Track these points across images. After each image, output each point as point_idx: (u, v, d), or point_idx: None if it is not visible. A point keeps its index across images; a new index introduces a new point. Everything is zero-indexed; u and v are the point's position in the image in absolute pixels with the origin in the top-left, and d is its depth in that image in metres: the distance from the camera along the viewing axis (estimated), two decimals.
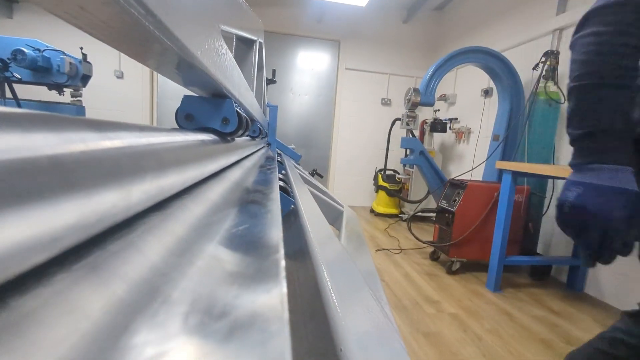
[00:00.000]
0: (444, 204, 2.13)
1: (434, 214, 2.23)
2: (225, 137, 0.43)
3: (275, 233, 0.28)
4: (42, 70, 2.04)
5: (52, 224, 0.10)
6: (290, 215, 0.52)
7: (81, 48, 2.26)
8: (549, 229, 2.22)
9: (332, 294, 0.22)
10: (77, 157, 0.12)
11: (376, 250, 2.40)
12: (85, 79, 2.27)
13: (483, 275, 2.01)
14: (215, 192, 0.35)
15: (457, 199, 2.04)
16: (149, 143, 0.19)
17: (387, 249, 2.43)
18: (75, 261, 0.11)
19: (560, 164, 2.20)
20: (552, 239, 2.21)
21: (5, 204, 0.08)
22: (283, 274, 0.18)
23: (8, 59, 1.94)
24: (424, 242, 2.23)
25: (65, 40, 3.12)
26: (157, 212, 0.20)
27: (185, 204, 0.25)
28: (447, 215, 2.07)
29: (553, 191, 2.17)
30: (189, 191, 0.29)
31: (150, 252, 0.16)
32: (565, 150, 2.17)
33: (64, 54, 2.10)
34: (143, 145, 0.18)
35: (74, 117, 0.13)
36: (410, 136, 3.05)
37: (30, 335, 0.08)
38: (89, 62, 2.26)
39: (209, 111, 0.40)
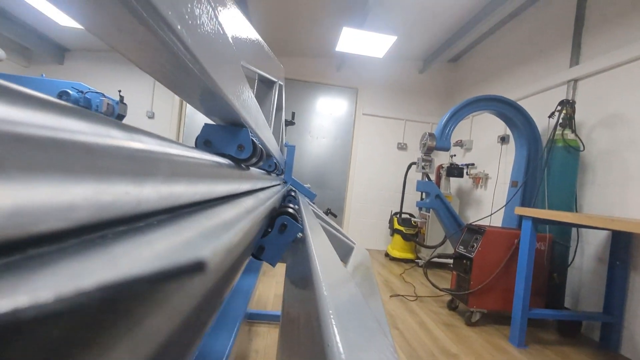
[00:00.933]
0: (461, 249, 2.06)
1: (451, 260, 2.15)
2: (239, 163, 0.46)
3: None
4: None
5: (71, 193, 0.11)
6: (298, 243, 0.52)
7: (119, 91, 2.46)
8: (576, 281, 2.08)
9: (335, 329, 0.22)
10: (102, 147, 0.13)
11: (390, 296, 2.30)
12: (120, 118, 2.45)
13: (505, 329, 1.87)
14: (227, 213, 0.37)
15: (475, 244, 1.97)
16: (165, 152, 0.21)
17: (402, 295, 2.33)
18: (87, 233, 0.13)
19: (583, 212, 2.11)
20: (581, 291, 2.06)
21: (36, 170, 0.10)
22: None
23: None
24: (441, 290, 2.12)
25: (107, 84, 3.42)
26: (168, 214, 0.21)
27: (195, 216, 0.27)
28: (464, 261, 1.98)
29: (578, 241, 2.07)
30: (201, 205, 0.30)
31: (156, 243, 0.17)
32: (587, 198, 2.10)
33: (103, 95, 2.29)
34: (160, 152, 0.20)
35: (107, 117, 0.15)
36: (426, 180, 3.04)
37: (39, 275, 0.09)
38: (124, 103, 2.45)
39: (226, 138, 0.43)
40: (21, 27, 3.13)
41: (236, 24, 0.43)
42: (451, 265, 2.17)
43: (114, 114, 2.39)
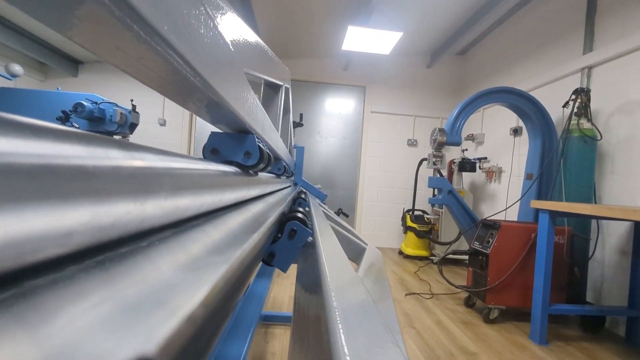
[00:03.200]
0: (476, 245, 2.02)
1: (467, 257, 2.11)
2: (247, 170, 0.46)
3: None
4: (97, 120, 2.29)
5: (67, 219, 0.11)
6: (308, 247, 0.52)
7: (131, 100, 2.51)
8: (598, 275, 2.02)
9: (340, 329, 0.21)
10: (101, 169, 0.13)
11: (405, 295, 2.27)
12: (133, 126, 2.50)
13: (525, 326, 1.83)
14: (235, 220, 0.37)
15: (490, 240, 1.93)
16: (167, 167, 0.21)
17: (417, 294, 2.30)
18: (87, 258, 0.13)
19: (602, 203, 2.05)
20: (603, 285, 1.99)
21: (29, 199, 0.10)
22: None
23: (69, 111, 2.19)
24: (457, 287, 2.09)
25: (120, 94, 3.49)
26: (173, 228, 0.21)
27: (202, 227, 0.27)
28: (480, 257, 1.95)
29: (598, 233, 2.00)
30: (207, 216, 0.30)
31: (160, 262, 0.17)
32: (607, 189, 2.03)
33: (116, 105, 2.35)
34: (162, 168, 0.20)
35: (105, 137, 0.15)
36: (438, 176, 3.00)
37: (41, 309, 0.09)
38: (137, 112, 2.50)
39: (233, 145, 0.43)
40: (36, 42, 3.23)
41: (237, 33, 0.43)
42: (466, 262, 2.13)
43: (127, 124, 2.45)
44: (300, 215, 0.51)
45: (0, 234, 0.09)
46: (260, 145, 0.50)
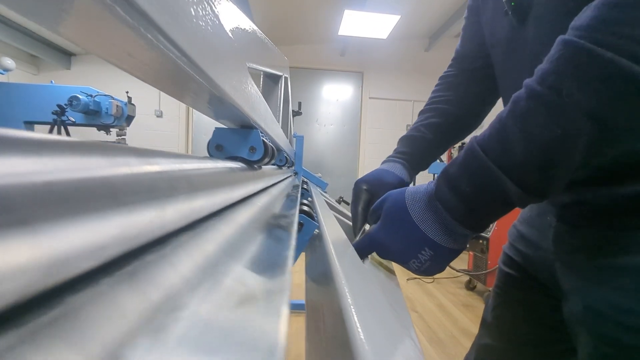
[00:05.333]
0: None
1: None
2: (252, 164, 0.46)
3: (289, 256, 0.29)
4: (93, 113, 2.26)
5: (101, 234, 0.11)
6: (315, 239, 0.53)
7: (127, 92, 2.48)
8: None
9: (358, 326, 0.22)
10: (122, 178, 0.14)
11: (407, 280, 2.31)
12: (130, 119, 2.48)
13: None
14: (243, 216, 0.37)
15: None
16: (182, 169, 0.21)
17: (418, 278, 2.34)
18: (117, 269, 0.13)
19: None
20: None
21: (65, 215, 0.10)
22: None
23: (65, 104, 2.17)
24: (458, 271, 2.12)
25: (114, 85, 3.45)
26: (189, 231, 0.22)
27: (213, 224, 0.27)
28: (481, 241, 1.97)
29: None
30: (218, 214, 0.30)
31: (181, 266, 0.17)
32: None
33: (112, 98, 2.32)
34: (177, 170, 0.20)
35: (121, 145, 0.16)
36: (438, 161, 3.00)
37: (79, 325, 0.10)
38: (133, 104, 2.47)
39: (237, 141, 0.43)
40: (28, 35, 3.17)
41: (241, 27, 0.43)
42: (467, 246, 2.16)
43: (123, 116, 2.42)
44: (305, 208, 0.51)
45: (46, 252, 0.09)
46: (264, 139, 0.50)
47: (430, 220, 0.35)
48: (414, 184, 0.43)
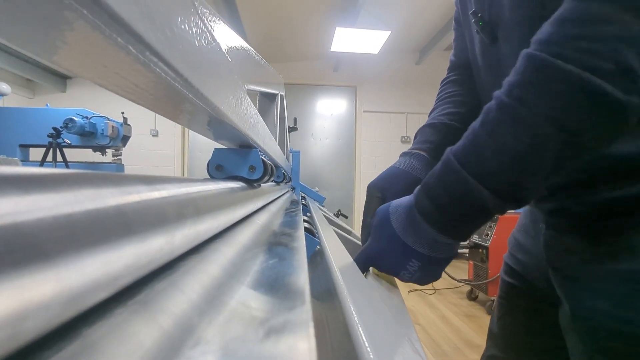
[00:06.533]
0: (475, 238, 2.04)
1: (467, 250, 2.13)
2: (252, 183, 0.46)
3: (302, 276, 0.29)
4: (89, 134, 2.27)
5: (115, 264, 0.12)
6: (317, 256, 0.52)
7: (122, 113, 2.50)
8: None
9: (364, 340, 0.22)
10: (133, 207, 0.14)
11: (409, 292, 2.29)
12: (125, 139, 2.48)
13: None
14: (245, 235, 0.37)
15: (489, 232, 1.95)
16: (187, 192, 0.22)
17: (420, 290, 2.31)
18: (129, 298, 0.13)
19: None
20: None
21: (84, 248, 0.10)
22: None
23: (60, 127, 2.18)
24: (458, 281, 2.11)
25: (110, 106, 3.46)
26: (195, 254, 0.22)
27: (217, 247, 0.27)
28: (480, 250, 1.97)
29: None
30: (220, 235, 0.31)
31: (189, 291, 0.17)
32: None
33: (107, 119, 2.33)
34: (183, 195, 0.21)
35: (129, 174, 0.16)
36: None
37: (103, 354, 0.10)
38: (128, 125, 2.48)
39: (237, 161, 0.44)
40: (22, 59, 3.20)
41: (234, 46, 0.44)
42: (467, 255, 2.15)
43: (119, 137, 2.43)
44: (306, 225, 0.51)
45: (67, 286, 0.09)
46: (263, 157, 0.51)
47: (413, 233, 0.36)
48: None
